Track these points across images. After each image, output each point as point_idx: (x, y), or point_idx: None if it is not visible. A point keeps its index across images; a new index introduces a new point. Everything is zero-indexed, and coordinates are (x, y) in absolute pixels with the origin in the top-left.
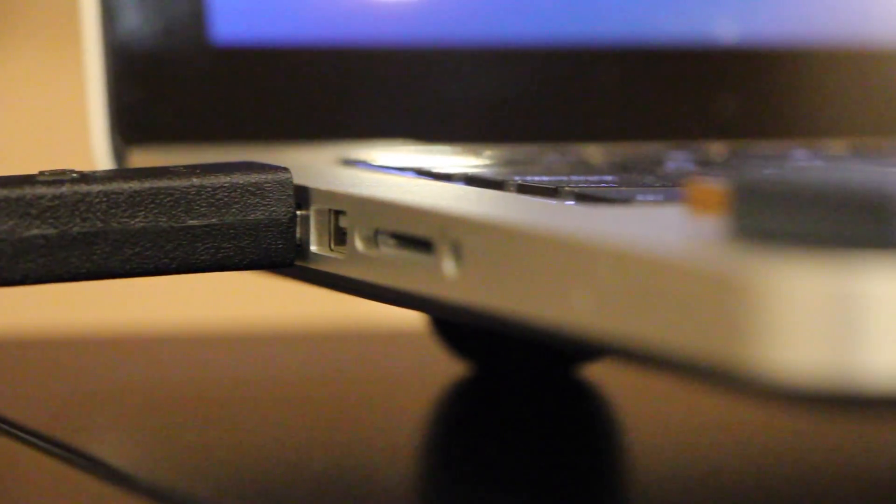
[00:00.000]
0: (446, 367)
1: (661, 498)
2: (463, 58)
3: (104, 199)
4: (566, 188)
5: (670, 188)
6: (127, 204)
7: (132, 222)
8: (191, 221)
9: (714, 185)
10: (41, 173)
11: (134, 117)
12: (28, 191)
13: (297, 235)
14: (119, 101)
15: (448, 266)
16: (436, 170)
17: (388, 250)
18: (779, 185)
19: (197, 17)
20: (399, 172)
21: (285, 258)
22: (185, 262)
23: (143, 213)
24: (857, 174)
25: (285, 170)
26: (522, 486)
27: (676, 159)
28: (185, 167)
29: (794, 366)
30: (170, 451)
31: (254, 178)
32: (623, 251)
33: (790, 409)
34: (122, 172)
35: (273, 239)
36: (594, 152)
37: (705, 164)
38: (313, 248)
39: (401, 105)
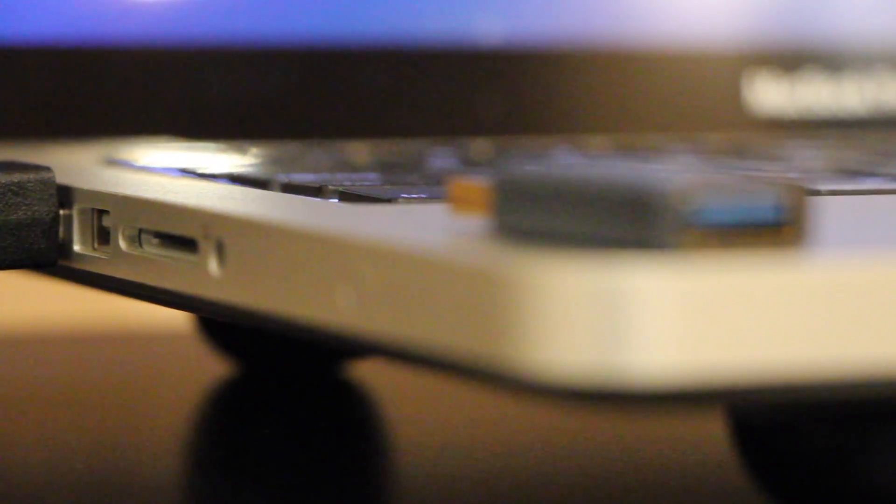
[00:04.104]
0: (212, 367)
1: (425, 497)
2: (227, 56)
3: None
4: (330, 187)
5: (434, 186)
6: None
7: None
8: None
9: (476, 183)
10: None
11: None
12: None
13: (61, 235)
14: None
15: (212, 265)
16: (200, 169)
17: (152, 249)
18: (539, 182)
19: None
20: (163, 171)
21: (48, 258)
22: None
23: None
24: (619, 173)
25: (48, 169)
26: (283, 486)
27: (440, 157)
28: None
29: (557, 364)
30: None
31: (15, 177)
32: (385, 249)
33: (557, 406)
34: None
35: (36, 238)
36: (359, 150)
37: (469, 162)
38: (77, 247)
39: (165, 103)
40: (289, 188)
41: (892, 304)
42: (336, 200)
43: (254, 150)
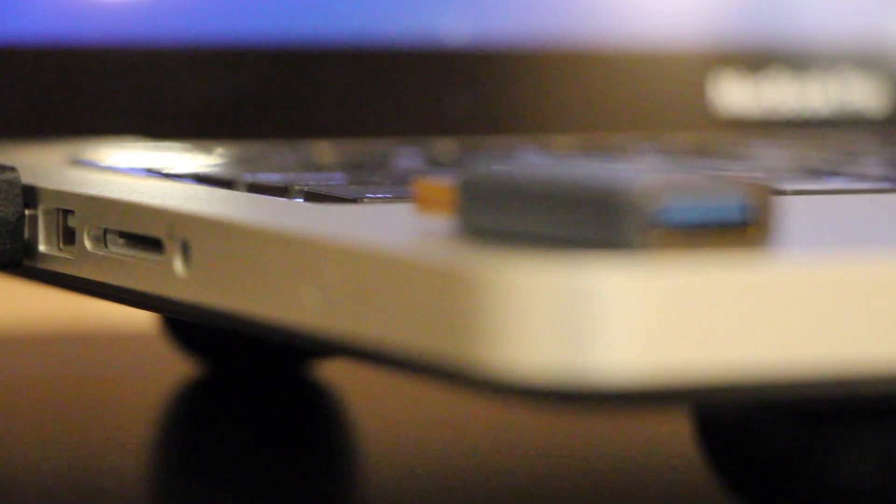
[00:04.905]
0: (178, 367)
1: (391, 496)
2: (192, 56)
3: None
4: (296, 187)
5: (399, 186)
6: None
7: None
8: None
9: (441, 183)
10: None
11: None
12: None
13: (26, 235)
14: None
15: (177, 265)
16: (165, 169)
17: (118, 249)
18: (504, 182)
19: None
20: (129, 171)
21: (13, 258)
22: None
23: None
24: (584, 172)
25: (13, 169)
26: (249, 486)
27: (406, 157)
28: None
29: (524, 364)
30: None
31: None
32: (350, 249)
33: (523, 406)
34: None
35: (1, 239)
36: (325, 150)
37: (435, 162)
38: (42, 247)
39: (131, 103)
40: (254, 188)
41: (856, 303)
42: (302, 200)
43: (219, 150)
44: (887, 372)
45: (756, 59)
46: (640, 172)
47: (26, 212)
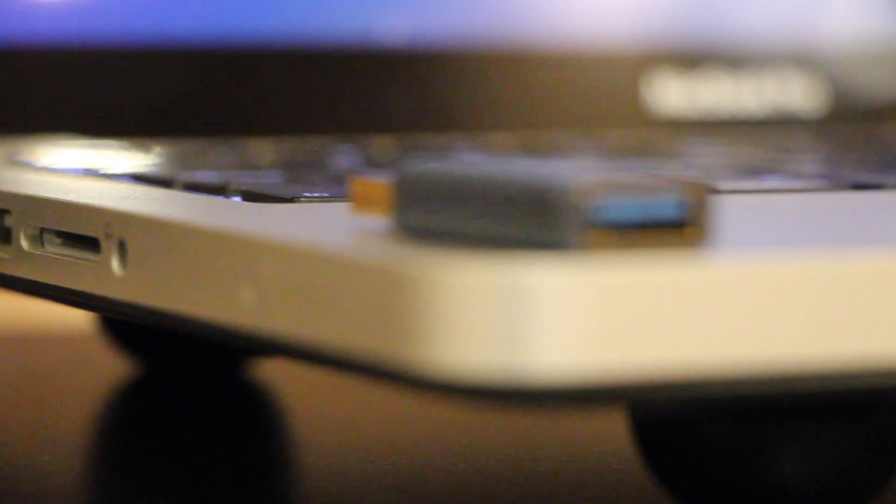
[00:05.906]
0: (115, 366)
1: (326, 497)
2: (130, 55)
3: None
4: (233, 185)
5: (336, 185)
6: None
7: None
8: None
9: (377, 182)
10: None
11: None
12: None
13: None
14: None
15: (114, 264)
16: (103, 168)
17: (54, 249)
18: (440, 181)
19: None
20: (66, 171)
21: None
22: None
23: None
24: (520, 171)
25: None
26: (185, 487)
27: (344, 155)
28: None
29: (459, 362)
30: None
31: None
32: (286, 248)
33: (460, 404)
34: None
35: None
36: (263, 148)
37: (372, 161)
38: None
39: (68, 102)
40: (192, 187)
41: (792, 302)
42: (239, 199)
43: (157, 149)
44: (822, 370)
45: (691, 59)
46: (576, 171)
47: None
